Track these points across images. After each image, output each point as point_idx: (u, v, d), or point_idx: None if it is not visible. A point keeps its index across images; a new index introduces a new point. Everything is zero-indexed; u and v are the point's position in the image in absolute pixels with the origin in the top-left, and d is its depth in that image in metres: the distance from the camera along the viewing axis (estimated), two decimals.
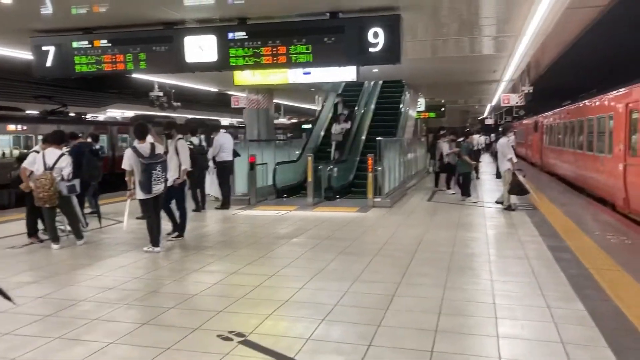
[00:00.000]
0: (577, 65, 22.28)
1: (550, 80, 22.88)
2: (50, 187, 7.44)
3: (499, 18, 8.96)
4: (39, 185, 7.40)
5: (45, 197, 7.44)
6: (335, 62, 8.29)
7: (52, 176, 7.50)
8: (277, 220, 10.13)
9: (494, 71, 15.81)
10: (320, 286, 5.71)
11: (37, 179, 7.44)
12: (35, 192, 7.43)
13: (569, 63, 18.93)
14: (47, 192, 7.42)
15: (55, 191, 7.50)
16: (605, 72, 21.55)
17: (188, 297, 5.36)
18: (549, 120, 23.13)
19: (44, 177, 7.44)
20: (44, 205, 7.53)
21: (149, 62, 8.64)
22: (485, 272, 6.26)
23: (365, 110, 17.89)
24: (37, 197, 7.44)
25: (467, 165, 12.76)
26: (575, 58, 17.76)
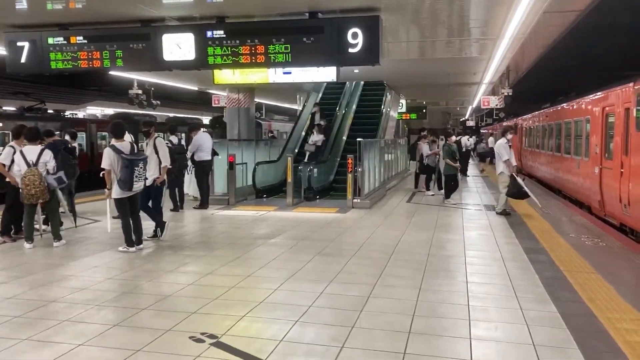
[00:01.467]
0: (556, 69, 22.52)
1: (530, 83, 23.11)
2: (40, 183, 7.36)
3: (478, 21, 9.02)
4: (28, 182, 7.30)
5: (37, 193, 7.35)
6: (315, 63, 8.28)
7: (39, 171, 7.41)
8: (256, 220, 10.08)
9: (474, 73, 15.93)
10: (296, 287, 5.68)
11: (25, 177, 7.34)
12: (26, 189, 7.33)
13: (548, 66, 19.13)
14: (38, 187, 7.34)
15: (45, 187, 7.43)
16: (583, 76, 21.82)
17: (161, 298, 5.30)
18: (528, 122, 23.39)
19: (31, 173, 7.34)
20: (36, 201, 7.42)
21: (126, 60, 8.53)
22: (460, 273, 6.29)
23: (346, 111, 17.91)
24: (29, 194, 7.33)
25: (451, 167, 12.69)
26: (554, 61, 17.95)
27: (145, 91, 18.95)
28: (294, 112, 29.30)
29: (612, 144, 10.93)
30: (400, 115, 24.95)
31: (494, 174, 12.59)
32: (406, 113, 26.19)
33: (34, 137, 7.76)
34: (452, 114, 41.41)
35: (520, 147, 24.73)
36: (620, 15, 16.29)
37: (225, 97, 18.57)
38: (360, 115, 17.80)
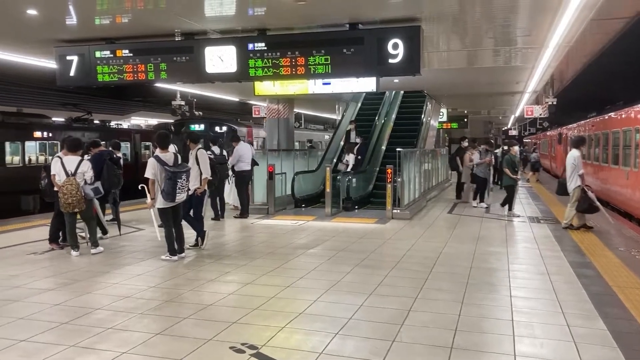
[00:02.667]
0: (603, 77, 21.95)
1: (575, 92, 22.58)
2: (76, 192, 7.57)
3: (522, 29, 8.86)
4: (66, 191, 7.53)
5: (73, 202, 7.56)
6: (354, 73, 8.28)
7: (77, 181, 7.63)
8: (295, 230, 10.11)
9: (517, 82, 15.65)
10: (336, 299, 5.66)
11: (62, 186, 7.57)
12: (63, 199, 7.55)
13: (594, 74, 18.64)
14: (75, 196, 7.55)
15: (82, 196, 7.63)
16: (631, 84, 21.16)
17: (203, 307, 5.35)
18: (573, 132, 22.78)
19: (69, 183, 7.57)
20: (72, 210, 7.64)
21: (170, 72, 8.74)
22: (504, 287, 6.14)
23: (385, 120, 17.84)
24: (65, 203, 7.55)
25: (510, 178, 11.79)
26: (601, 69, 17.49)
27: (187, 102, 19.36)
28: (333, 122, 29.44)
29: None
30: (440, 125, 24.71)
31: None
32: (447, 122, 25.93)
33: (75, 147, 7.98)
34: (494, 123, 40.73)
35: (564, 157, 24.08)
36: None
37: (265, 107, 18.77)
38: (400, 124, 17.70)
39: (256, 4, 7.32)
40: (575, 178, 9.86)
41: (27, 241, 8.75)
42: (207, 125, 21.62)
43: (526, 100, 21.01)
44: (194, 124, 21.52)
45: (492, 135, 42.17)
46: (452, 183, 19.88)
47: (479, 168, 13.48)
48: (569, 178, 9.97)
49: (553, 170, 29.28)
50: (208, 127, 21.39)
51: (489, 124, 40.39)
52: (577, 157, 9.93)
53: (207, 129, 21.14)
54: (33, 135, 17.96)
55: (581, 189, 9.76)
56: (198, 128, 21.13)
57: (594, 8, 7.32)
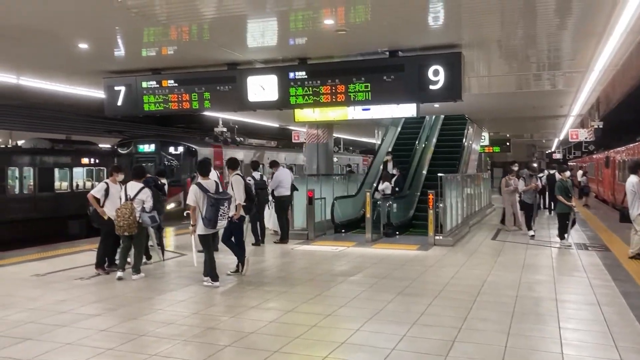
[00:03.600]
0: None
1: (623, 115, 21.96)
2: (129, 216, 7.83)
3: (566, 54, 8.74)
4: (119, 214, 7.81)
5: (124, 226, 7.82)
6: (395, 100, 8.31)
7: (132, 206, 7.90)
8: (335, 256, 10.07)
9: (561, 106, 15.36)
10: (378, 328, 5.58)
11: (119, 209, 7.86)
12: (116, 221, 7.85)
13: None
14: (127, 220, 7.81)
15: (134, 220, 7.88)
16: None
17: (244, 335, 5.37)
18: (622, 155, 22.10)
19: (125, 207, 7.87)
20: (123, 233, 7.88)
21: (213, 101, 8.95)
22: (552, 318, 5.94)
23: (426, 145, 17.73)
24: (117, 225, 7.86)
25: (565, 205, 11.15)
26: None
27: (229, 128, 19.72)
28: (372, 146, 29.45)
29: None
30: (482, 149, 24.39)
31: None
32: (489, 146, 25.56)
33: (140, 174, 8.31)
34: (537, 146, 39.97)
35: (613, 182, 23.36)
36: None
37: (304, 132, 18.94)
38: (441, 148, 17.56)
39: (297, 34, 7.45)
40: (636, 204, 9.38)
41: (75, 266, 8.99)
42: (158, 145, 18.76)
43: (571, 123, 20.57)
44: (142, 143, 18.88)
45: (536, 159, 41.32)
46: (496, 208, 19.52)
47: (526, 194, 12.86)
48: (631, 205, 9.49)
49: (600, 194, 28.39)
50: (159, 148, 18.70)
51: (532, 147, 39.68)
52: (637, 183, 9.43)
53: (158, 149, 18.65)
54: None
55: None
56: (148, 149, 18.71)
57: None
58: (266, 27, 7.11)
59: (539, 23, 7.03)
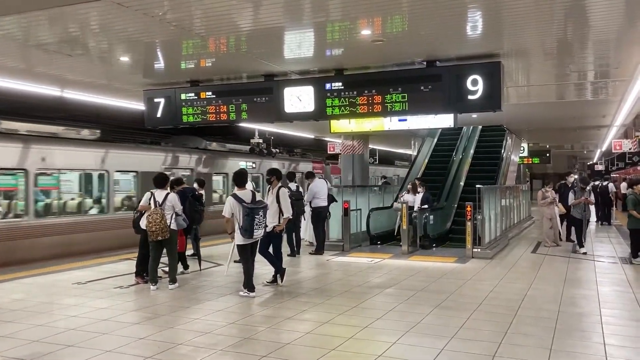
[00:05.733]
0: None
1: None
2: (160, 221, 7.94)
3: (609, 63, 8.51)
4: (151, 220, 7.94)
5: (157, 230, 7.92)
6: (432, 111, 8.23)
7: (162, 211, 8.01)
8: (370, 268, 9.99)
9: (604, 116, 14.94)
10: (415, 342, 5.49)
11: (149, 215, 7.99)
12: (148, 226, 7.97)
13: None
14: (159, 224, 7.92)
15: (165, 225, 7.99)
16: None
17: (280, 346, 5.35)
18: None
19: (155, 212, 7.99)
20: (156, 238, 7.99)
21: (250, 113, 9.04)
22: (596, 334, 5.74)
23: (463, 156, 17.53)
24: (150, 231, 7.96)
25: (637, 220, 10.43)
26: None
27: (265, 140, 19.88)
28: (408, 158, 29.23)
29: None
30: (521, 160, 23.92)
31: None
32: (528, 157, 25.05)
33: (162, 183, 8.43)
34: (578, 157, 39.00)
35: None
36: None
37: (340, 144, 18.93)
38: (479, 159, 17.31)
39: (334, 45, 7.47)
40: None
41: (115, 275, 9.16)
42: None
43: (614, 134, 19.98)
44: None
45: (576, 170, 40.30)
46: (536, 221, 19.08)
47: (576, 209, 12.08)
48: None
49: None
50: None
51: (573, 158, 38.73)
52: None
53: None
54: None
55: None
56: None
57: None
58: (303, 38, 7.15)
59: (581, 31, 6.87)
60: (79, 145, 13.16)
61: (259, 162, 19.63)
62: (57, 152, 12.15)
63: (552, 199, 12.90)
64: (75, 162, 12.74)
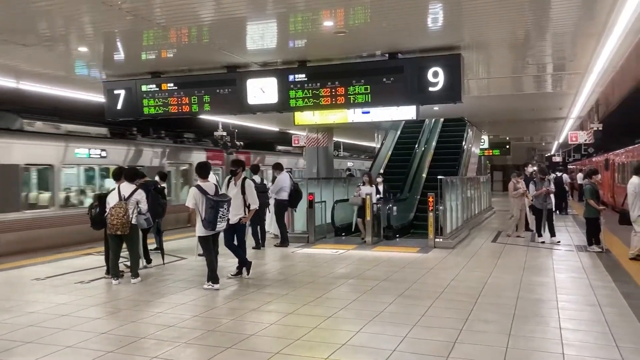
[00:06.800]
0: None
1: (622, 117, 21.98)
2: (123, 215, 7.80)
3: (565, 56, 8.74)
4: (113, 213, 7.80)
5: (117, 225, 7.78)
6: (394, 102, 8.31)
7: (126, 206, 7.87)
8: (335, 259, 10.06)
9: (560, 108, 15.36)
10: (378, 330, 5.57)
11: (112, 208, 7.83)
12: (109, 219, 7.82)
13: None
14: (120, 219, 7.78)
15: (127, 220, 7.85)
16: None
17: (245, 337, 5.35)
18: (622, 158, 22.11)
19: (119, 206, 7.85)
20: (115, 232, 7.84)
21: (213, 104, 8.95)
22: (553, 319, 5.93)
23: (425, 148, 17.78)
24: (110, 224, 7.82)
25: (594, 209, 10.69)
26: None
27: (229, 133, 19.74)
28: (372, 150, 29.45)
29: None
30: (482, 152, 24.40)
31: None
32: (488, 149, 25.57)
33: (131, 176, 8.30)
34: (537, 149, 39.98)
35: (612, 184, 23.37)
36: None
37: (304, 136, 18.96)
38: (441, 152, 17.58)
39: (297, 36, 7.46)
40: (637, 206, 9.42)
41: (75, 270, 8.97)
42: None
43: (570, 126, 20.57)
44: None
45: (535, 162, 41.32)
46: (497, 211, 19.52)
47: (537, 199, 12.30)
48: (631, 206, 9.52)
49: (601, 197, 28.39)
50: None
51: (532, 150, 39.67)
52: (638, 184, 9.50)
53: None
54: None
55: None
56: None
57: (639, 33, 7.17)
58: (265, 29, 7.12)
59: (537, 24, 7.04)
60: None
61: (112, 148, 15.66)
62: None
63: (523, 191, 13.03)
64: None
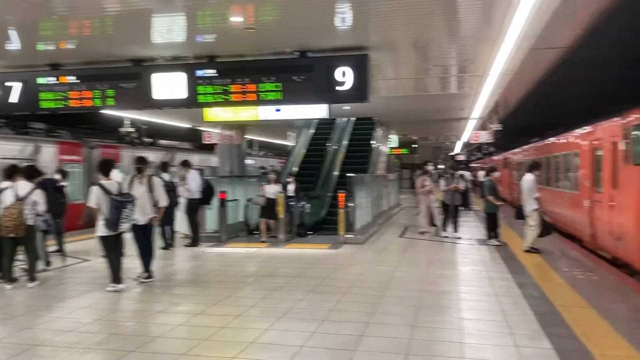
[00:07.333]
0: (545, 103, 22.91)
1: (519, 118, 23.44)
2: (17, 217, 7.28)
3: (466, 58, 9.18)
4: (7, 214, 7.26)
5: (10, 227, 7.26)
6: (305, 100, 8.36)
7: (22, 207, 7.36)
8: (247, 257, 9.98)
9: (462, 109, 16.11)
10: (288, 327, 5.59)
11: (6, 208, 7.30)
12: (3, 220, 7.27)
13: (537, 101, 19.43)
14: (14, 221, 7.25)
15: (22, 222, 7.33)
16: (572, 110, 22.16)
17: (150, 340, 5.19)
18: (518, 157, 23.60)
19: (14, 206, 7.32)
20: (8, 235, 7.31)
21: (117, 99, 8.59)
22: (454, 310, 6.22)
23: (338, 146, 18.02)
24: (3, 225, 7.26)
25: (492, 205, 11.38)
26: (543, 96, 18.25)
27: (137, 129, 19.04)
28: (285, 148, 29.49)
29: (602, 178, 11.00)
30: (391, 150, 25.10)
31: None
32: (397, 148, 26.35)
33: (31, 174, 7.80)
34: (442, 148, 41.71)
35: (510, 181, 24.89)
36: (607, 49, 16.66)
37: (217, 134, 18.64)
38: (352, 150, 17.89)
39: (205, 31, 7.33)
40: (530, 201, 10.07)
41: None
42: None
43: (472, 126, 21.64)
44: None
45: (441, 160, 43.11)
46: (405, 208, 20.18)
47: (447, 195, 12.72)
48: (525, 202, 10.19)
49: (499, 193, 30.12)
50: None
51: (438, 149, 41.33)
52: (532, 181, 10.17)
53: None
54: None
55: (539, 212, 9.98)
56: None
57: (533, 38, 7.66)
58: (173, 22, 6.92)
59: (439, 27, 7.33)
60: None
61: None
62: None
63: (430, 188, 13.48)
64: None
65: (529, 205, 10.12)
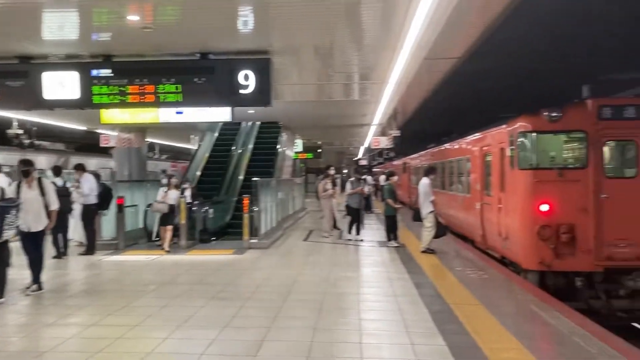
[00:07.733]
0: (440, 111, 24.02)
1: (417, 124, 24.40)
2: None
3: (366, 66, 9.45)
4: None
5: None
6: (206, 103, 8.23)
7: None
8: (146, 265, 9.63)
9: (364, 115, 16.56)
10: (187, 335, 5.46)
11: None
12: None
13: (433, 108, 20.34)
14: None
15: None
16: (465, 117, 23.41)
17: (38, 355, 4.87)
18: (415, 162, 24.61)
19: None
20: None
21: (2, 98, 7.99)
22: (354, 311, 6.37)
23: (243, 150, 17.88)
24: None
25: (392, 208, 11.81)
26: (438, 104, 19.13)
27: (27, 131, 17.84)
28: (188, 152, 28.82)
29: (491, 182, 11.71)
30: (296, 155, 25.30)
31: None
32: (302, 152, 26.59)
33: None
34: (346, 153, 42.62)
35: (409, 185, 25.90)
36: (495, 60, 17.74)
37: (115, 137, 17.87)
38: (258, 154, 17.80)
39: (100, 29, 7.01)
40: (426, 204, 10.55)
41: None
42: None
43: (374, 132, 22.30)
44: None
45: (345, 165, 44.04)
46: (310, 212, 20.39)
47: (352, 198, 12.82)
48: (422, 205, 10.68)
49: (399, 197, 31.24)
50: None
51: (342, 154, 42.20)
52: (427, 185, 10.70)
53: None
54: None
55: (434, 214, 10.48)
56: None
57: (426, 48, 8.03)
58: (65, 19, 6.56)
59: (340, 34, 7.51)
60: None
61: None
62: None
63: (332, 192, 13.68)
64: None
65: (425, 208, 10.60)
